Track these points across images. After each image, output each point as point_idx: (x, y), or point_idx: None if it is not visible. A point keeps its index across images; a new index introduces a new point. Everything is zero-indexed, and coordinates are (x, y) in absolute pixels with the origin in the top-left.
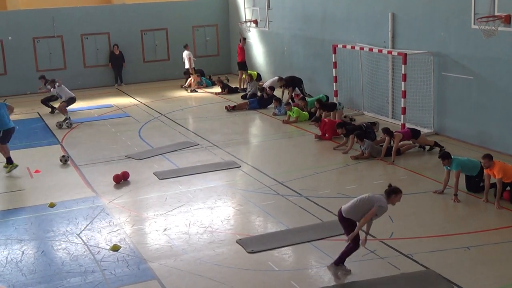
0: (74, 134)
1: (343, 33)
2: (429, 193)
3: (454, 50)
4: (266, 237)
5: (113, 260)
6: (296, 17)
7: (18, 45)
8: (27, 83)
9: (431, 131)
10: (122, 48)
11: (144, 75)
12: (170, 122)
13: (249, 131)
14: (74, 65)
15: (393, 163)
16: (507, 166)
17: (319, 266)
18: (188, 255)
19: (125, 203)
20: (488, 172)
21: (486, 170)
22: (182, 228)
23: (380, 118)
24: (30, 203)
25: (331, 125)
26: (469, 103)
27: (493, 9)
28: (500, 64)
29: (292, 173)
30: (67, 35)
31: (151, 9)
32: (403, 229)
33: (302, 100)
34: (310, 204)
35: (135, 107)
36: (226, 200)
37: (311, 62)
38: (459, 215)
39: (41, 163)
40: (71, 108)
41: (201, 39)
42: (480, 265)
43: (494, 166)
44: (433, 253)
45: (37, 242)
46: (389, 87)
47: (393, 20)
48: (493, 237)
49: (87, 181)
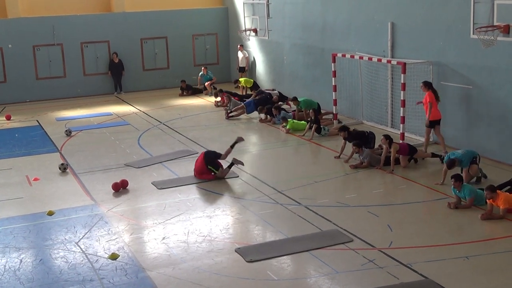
0: (73, 142)
1: (343, 42)
2: (428, 202)
3: (453, 59)
4: (265, 246)
5: (111, 268)
6: (296, 26)
7: (18, 53)
8: (27, 91)
9: (430, 140)
10: (122, 56)
11: (144, 84)
12: (169, 131)
13: (248, 140)
14: (74, 73)
15: (392, 172)
16: (511, 198)
17: (318, 276)
18: (187, 263)
19: (124, 211)
20: (491, 202)
21: (489, 200)
22: (180, 236)
23: (379, 127)
24: (28, 211)
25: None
26: (468, 112)
27: (492, 19)
28: (499, 73)
29: (291, 182)
30: (67, 43)
31: (151, 17)
32: (402, 238)
33: (294, 100)
34: (309, 213)
35: (134, 115)
36: (225, 208)
37: (311, 71)
38: (458, 225)
39: (40, 171)
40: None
41: (201, 47)
42: (479, 274)
43: (497, 197)
44: (432, 263)
45: (36, 250)
46: (388, 96)
47: (393, 29)
48: (492, 246)
49: (86, 189)
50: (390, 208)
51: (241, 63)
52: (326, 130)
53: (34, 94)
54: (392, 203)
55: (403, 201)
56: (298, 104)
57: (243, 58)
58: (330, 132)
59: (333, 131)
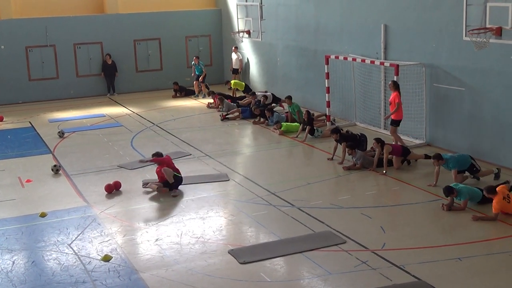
0: (66, 143)
1: (336, 44)
2: (421, 204)
3: (446, 61)
4: (258, 247)
5: (104, 270)
6: (289, 28)
7: (10, 54)
8: (19, 92)
9: (423, 142)
10: (115, 58)
11: (137, 85)
12: (163, 132)
13: (241, 141)
14: (67, 75)
15: (385, 174)
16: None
17: (311, 277)
18: (180, 265)
19: (117, 213)
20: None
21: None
22: (173, 238)
23: (372, 129)
24: (21, 213)
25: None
26: (461, 114)
27: (484, 21)
28: (492, 75)
29: (284, 184)
30: (60, 44)
31: (144, 19)
32: (395, 240)
33: (288, 99)
34: (302, 214)
35: (127, 116)
36: (218, 210)
37: (304, 73)
38: (451, 226)
39: (33, 172)
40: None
41: (194, 49)
42: (472, 276)
43: (495, 196)
44: (425, 264)
45: (28, 252)
46: (382, 98)
47: (386, 31)
48: (485, 248)
49: (78, 191)
50: (383, 210)
51: (235, 65)
52: (319, 132)
53: (27, 95)
54: (385, 205)
55: (396, 202)
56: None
57: (237, 60)
58: (323, 133)
59: (326, 133)
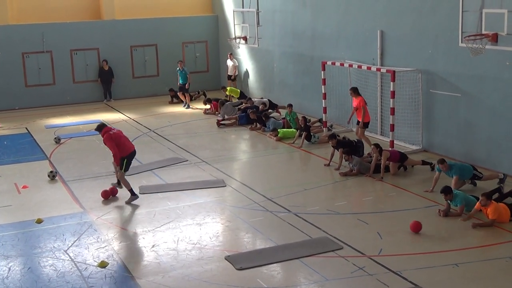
0: (62, 149)
1: (332, 50)
2: (418, 210)
3: (442, 67)
4: (255, 253)
5: (100, 276)
6: (285, 34)
7: (7, 60)
8: (16, 98)
9: (420, 148)
10: (112, 64)
11: (134, 91)
12: (159, 138)
13: (238, 147)
14: (63, 81)
15: (382, 180)
16: (501, 209)
17: (308, 283)
18: (177, 271)
19: (113, 219)
20: (481, 208)
21: (481, 207)
22: (170, 244)
23: (369, 135)
24: (17, 219)
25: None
26: (457, 120)
27: (480, 28)
28: (487, 81)
29: (281, 190)
30: (57, 50)
31: (141, 25)
32: (392, 246)
33: (289, 107)
34: (299, 220)
35: (124, 122)
36: (214, 216)
37: (301, 79)
38: (447, 232)
39: (29, 178)
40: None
41: (191, 55)
42: (468, 282)
43: (489, 205)
44: (422, 270)
45: (24, 258)
46: (378, 104)
47: (382, 37)
48: (482, 254)
49: (75, 197)
50: (380, 216)
51: (230, 71)
52: (316, 138)
53: (23, 101)
54: (382, 211)
55: (393, 208)
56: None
57: (232, 66)
58: (320, 139)
59: (323, 139)
